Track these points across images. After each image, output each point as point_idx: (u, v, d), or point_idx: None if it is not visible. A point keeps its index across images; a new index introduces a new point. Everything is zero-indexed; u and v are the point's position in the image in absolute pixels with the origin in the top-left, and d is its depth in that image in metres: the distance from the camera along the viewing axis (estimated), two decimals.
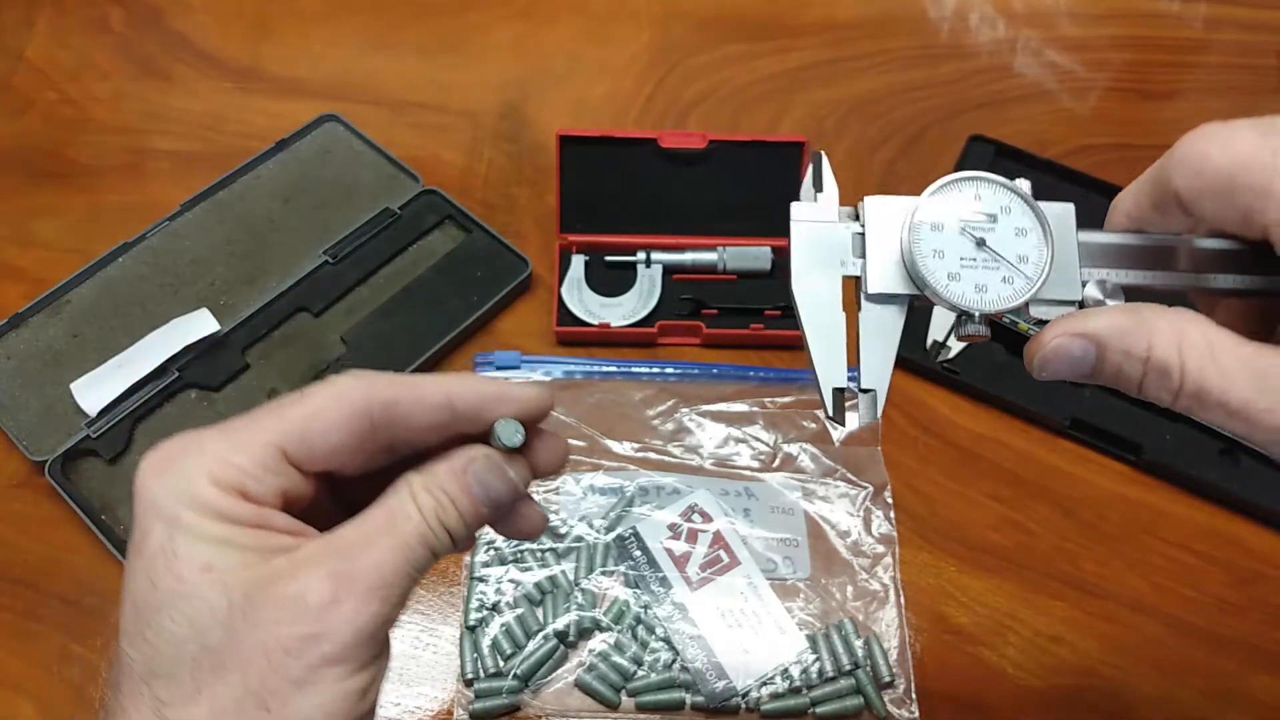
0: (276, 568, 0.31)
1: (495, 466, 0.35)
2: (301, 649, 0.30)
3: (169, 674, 0.30)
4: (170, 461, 0.32)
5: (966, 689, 0.61)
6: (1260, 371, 0.30)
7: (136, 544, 0.31)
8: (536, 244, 0.77)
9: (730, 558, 0.63)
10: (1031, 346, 0.34)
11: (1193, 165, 0.31)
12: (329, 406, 0.33)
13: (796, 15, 0.94)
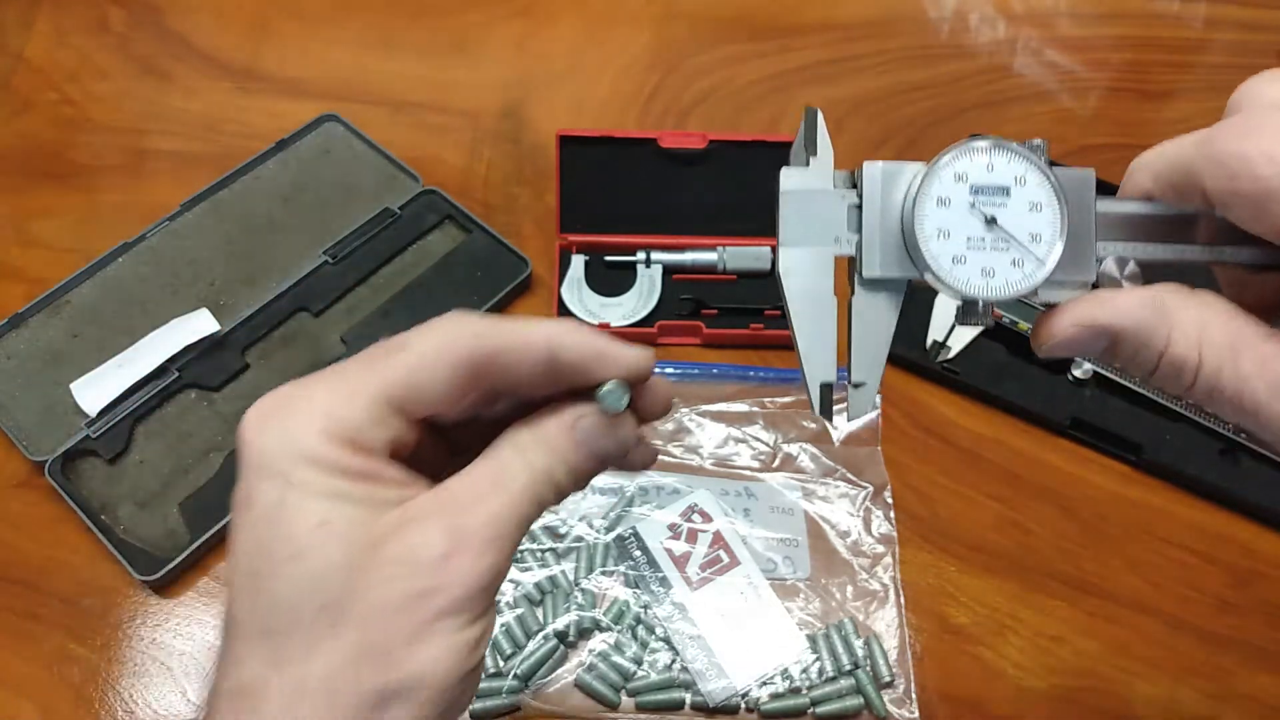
0: (389, 523, 0.30)
1: (604, 424, 0.34)
2: (418, 604, 0.30)
3: (285, 630, 0.30)
4: (278, 415, 0.31)
5: (966, 689, 0.61)
6: (1277, 377, 0.29)
7: (245, 499, 0.31)
8: (536, 244, 0.77)
9: (730, 558, 0.63)
10: (1040, 330, 0.32)
11: (1229, 167, 0.29)
12: (435, 354, 0.32)
13: (796, 15, 0.94)
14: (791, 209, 0.31)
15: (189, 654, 0.60)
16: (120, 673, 0.59)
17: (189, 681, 0.59)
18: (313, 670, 0.29)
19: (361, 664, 0.29)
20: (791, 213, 0.31)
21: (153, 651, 0.60)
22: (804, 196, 0.31)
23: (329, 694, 0.29)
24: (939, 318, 0.73)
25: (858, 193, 0.31)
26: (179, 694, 0.59)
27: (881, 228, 0.31)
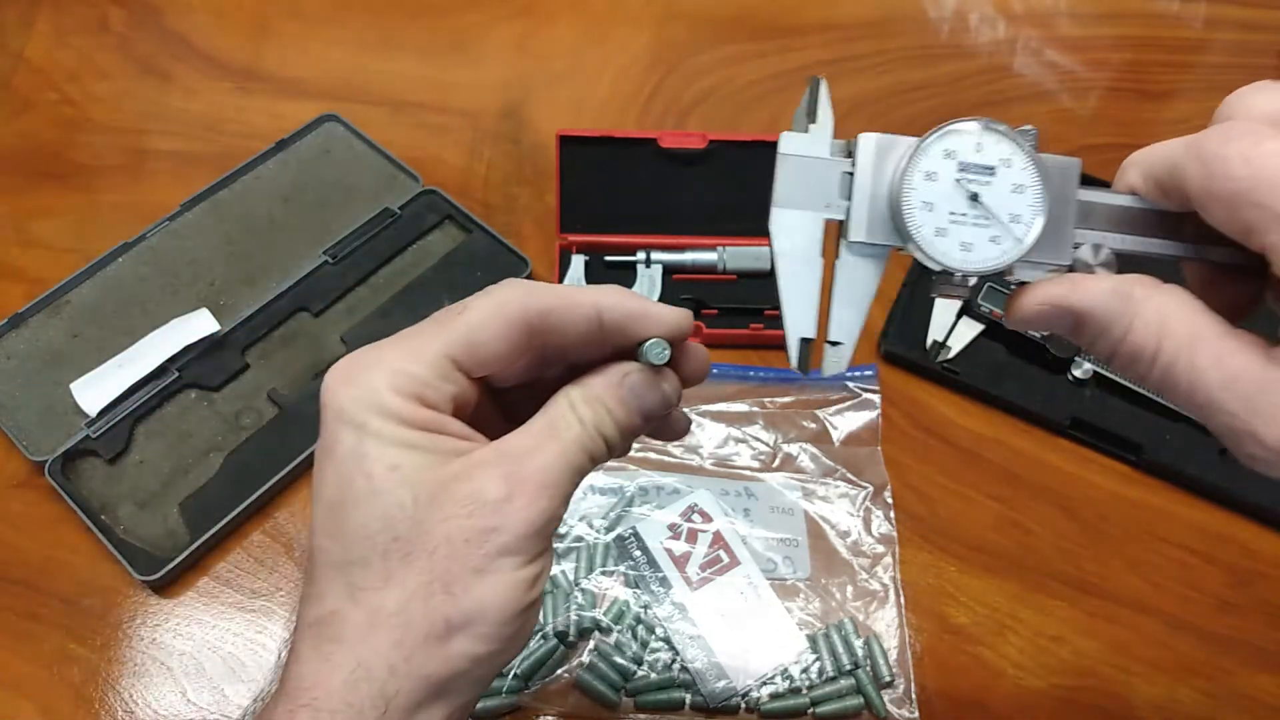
0: (454, 469, 0.34)
1: (649, 380, 0.37)
2: (480, 540, 0.33)
3: (363, 562, 0.33)
4: (354, 373, 0.35)
5: (966, 689, 0.61)
6: (1231, 372, 0.30)
7: (327, 448, 0.35)
8: (536, 244, 0.77)
9: (730, 558, 0.63)
10: (1012, 303, 0.34)
11: (1209, 167, 0.30)
12: (492, 315, 0.35)
13: (796, 15, 0.94)
14: (787, 172, 0.32)
15: (189, 654, 0.60)
16: (120, 673, 0.59)
17: (189, 681, 0.59)
18: (387, 599, 0.33)
19: (431, 593, 0.33)
20: (787, 175, 0.32)
21: (153, 651, 0.60)
22: (800, 161, 0.32)
23: (403, 621, 0.33)
24: (939, 318, 0.73)
25: (851, 161, 0.32)
26: (179, 694, 0.59)
27: (871, 195, 0.32)
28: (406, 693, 0.33)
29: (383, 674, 0.33)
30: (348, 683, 0.33)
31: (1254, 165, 0.28)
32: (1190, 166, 0.30)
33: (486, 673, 0.35)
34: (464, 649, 0.33)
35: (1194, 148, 0.30)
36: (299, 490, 0.66)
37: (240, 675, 0.59)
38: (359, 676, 0.33)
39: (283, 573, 0.63)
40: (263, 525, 0.65)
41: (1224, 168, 0.29)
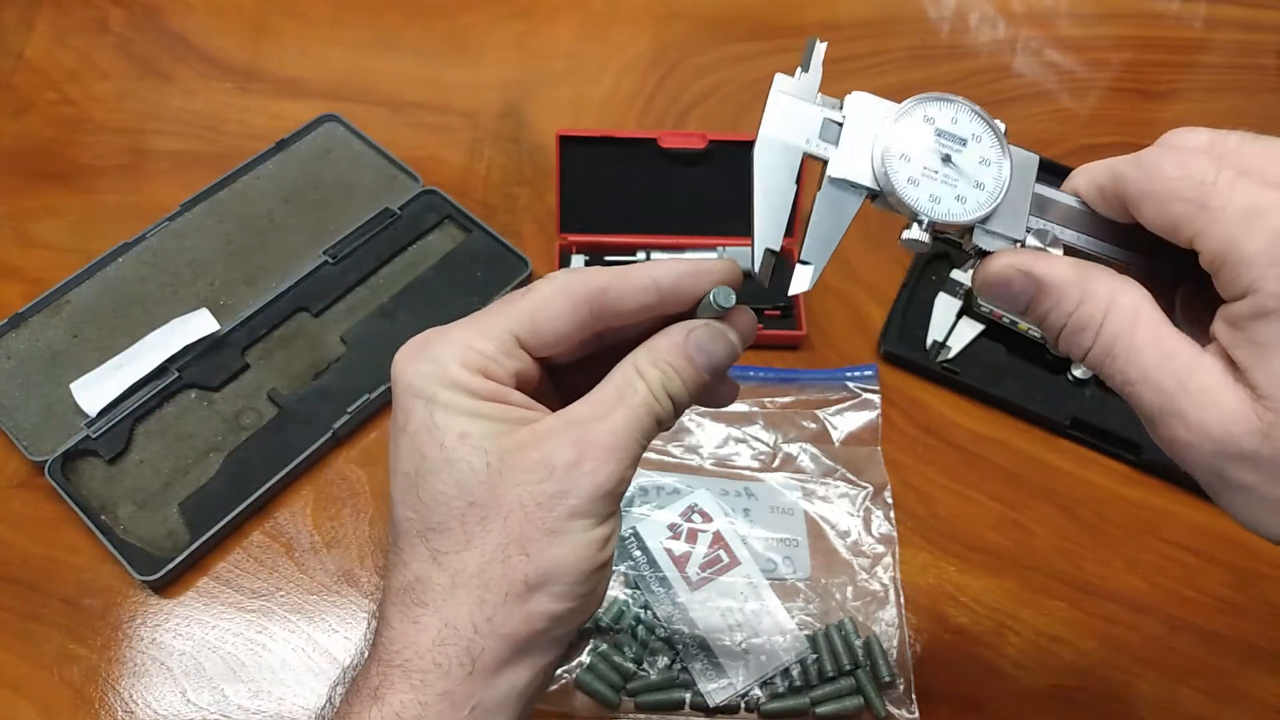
0: (523, 437, 0.35)
1: (715, 332, 0.38)
2: (552, 503, 0.35)
3: (442, 527, 0.35)
4: (423, 350, 0.37)
5: (966, 689, 0.61)
6: (1167, 351, 0.33)
7: (400, 424, 0.36)
8: (536, 244, 0.77)
9: (730, 558, 0.63)
10: (981, 269, 0.37)
11: (1147, 170, 0.34)
12: (554, 296, 0.37)
13: (796, 15, 0.94)
14: (777, 106, 0.38)
15: (189, 654, 0.60)
16: (120, 673, 0.59)
17: (189, 681, 0.59)
18: (468, 561, 0.35)
19: (510, 554, 0.34)
20: (776, 108, 0.38)
21: (153, 651, 0.60)
22: (790, 100, 0.38)
23: (483, 582, 0.35)
24: (939, 318, 0.73)
25: (841, 113, 0.37)
26: (179, 694, 0.59)
27: (854, 141, 0.37)
28: (491, 651, 0.34)
29: (468, 633, 0.34)
30: (436, 643, 0.34)
31: (1184, 169, 0.33)
32: (1130, 172, 0.35)
33: (564, 632, 0.36)
34: (542, 608, 0.35)
35: (1134, 157, 0.35)
36: (299, 490, 0.66)
37: (240, 675, 0.59)
38: (445, 637, 0.34)
39: (283, 573, 0.63)
40: (263, 525, 0.65)
41: (1159, 171, 0.34)
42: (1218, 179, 0.32)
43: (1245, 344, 0.31)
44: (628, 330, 0.39)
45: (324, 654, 0.60)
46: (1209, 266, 0.32)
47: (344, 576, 0.63)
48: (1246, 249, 0.31)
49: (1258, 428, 0.31)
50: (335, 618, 0.62)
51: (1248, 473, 0.31)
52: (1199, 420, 0.32)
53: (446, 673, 0.34)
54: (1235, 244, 0.31)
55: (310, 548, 0.64)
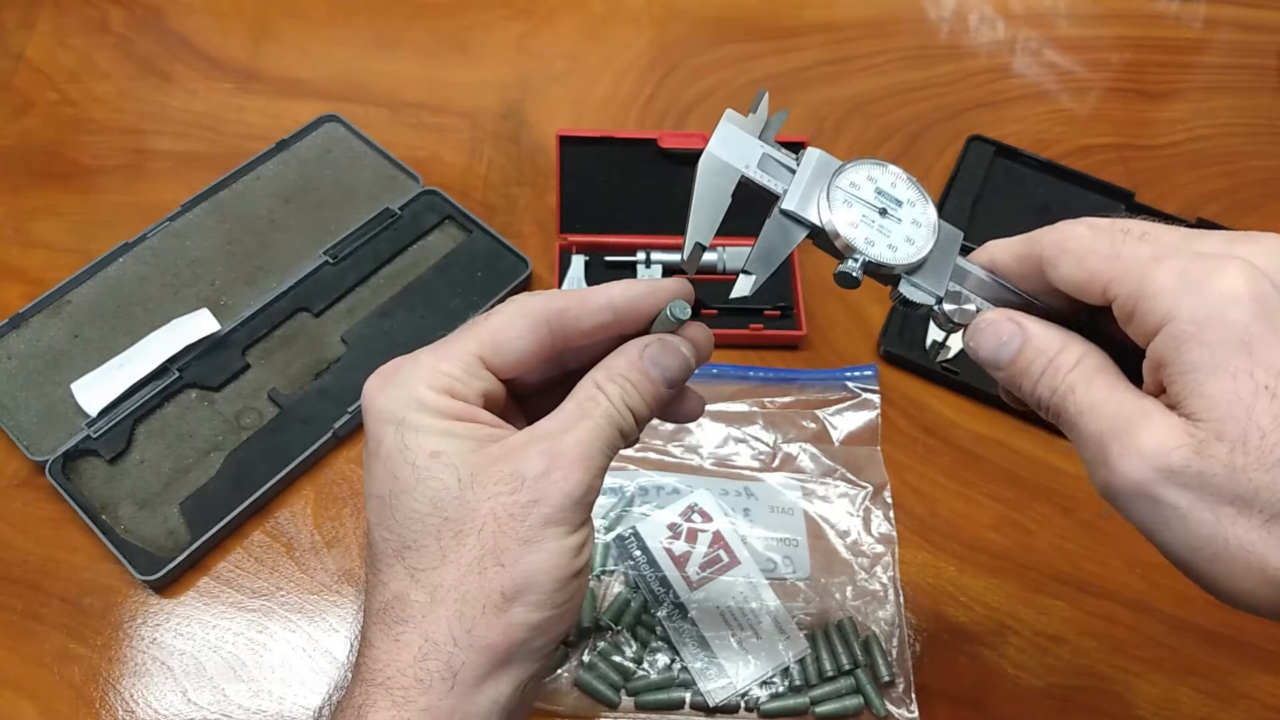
0: (492, 453, 0.37)
1: (668, 347, 0.40)
2: (525, 513, 0.36)
3: (418, 544, 0.36)
4: (391, 377, 0.38)
5: (966, 689, 0.61)
6: (1111, 386, 0.35)
7: (372, 449, 0.38)
8: (536, 244, 0.77)
9: (730, 558, 0.63)
10: (976, 322, 0.39)
11: (1062, 233, 0.37)
12: (514, 317, 0.39)
13: (796, 15, 0.94)
14: (724, 134, 0.42)
15: (189, 654, 0.60)
16: (120, 672, 0.59)
17: (189, 681, 0.59)
18: (445, 576, 0.35)
19: (486, 565, 0.35)
20: (722, 134, 0.42)
21: (153, 651, 0.60)
22: (736, 130, 0.42)
23: (461, 595, 0.35)
24: None
25: (796, 158, 0.41)
26: (179, 694, 0.59)
27: (805, 185, 0.40)
28: (471, 664, 0.35)
29: (448, 647, 0.35)
30: (417, 659, 0.35)
31: (1096, 229, 0.36)
32: (1047, 236, 0.37)
33: (544, 643, 0.37)
34: (521, 617, 0.35)
35: (1048, 228, 0.38)
36: (299, 490, 0.66)
37: (240, 675, 0.60)
38: (426, 652, 0.35)
39: (283, 572, 0.63)
40: (263, 525, 0.65)
41: (1074, 230, 0.37)
42: (1126, 235, 0.35)
43: (1174, 377, 0.32)
44: (586, 352, 0.41)
45: (324, 653, 0.61)
46: (1124, 312, 0.34)
47: (344, 576, 0.63)
48: (1158, 281, 0.33)
49: (1189, 444, 0.31)
50: (336, 617, 0.62)
51: (1178, 493, 0.31)
52: (1134, 440, 0.32)
53: (428, 688, 0.35)
54: (1147, 280, 0.33)
55: (311, 547, 0.64)
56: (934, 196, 0.80)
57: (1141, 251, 0.34)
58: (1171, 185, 0.84)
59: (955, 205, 0.80)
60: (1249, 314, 0.31)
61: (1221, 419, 0.31)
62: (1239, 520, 0.31)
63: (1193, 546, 0.31)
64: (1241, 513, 0.31)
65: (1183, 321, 0.32)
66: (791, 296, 0.74)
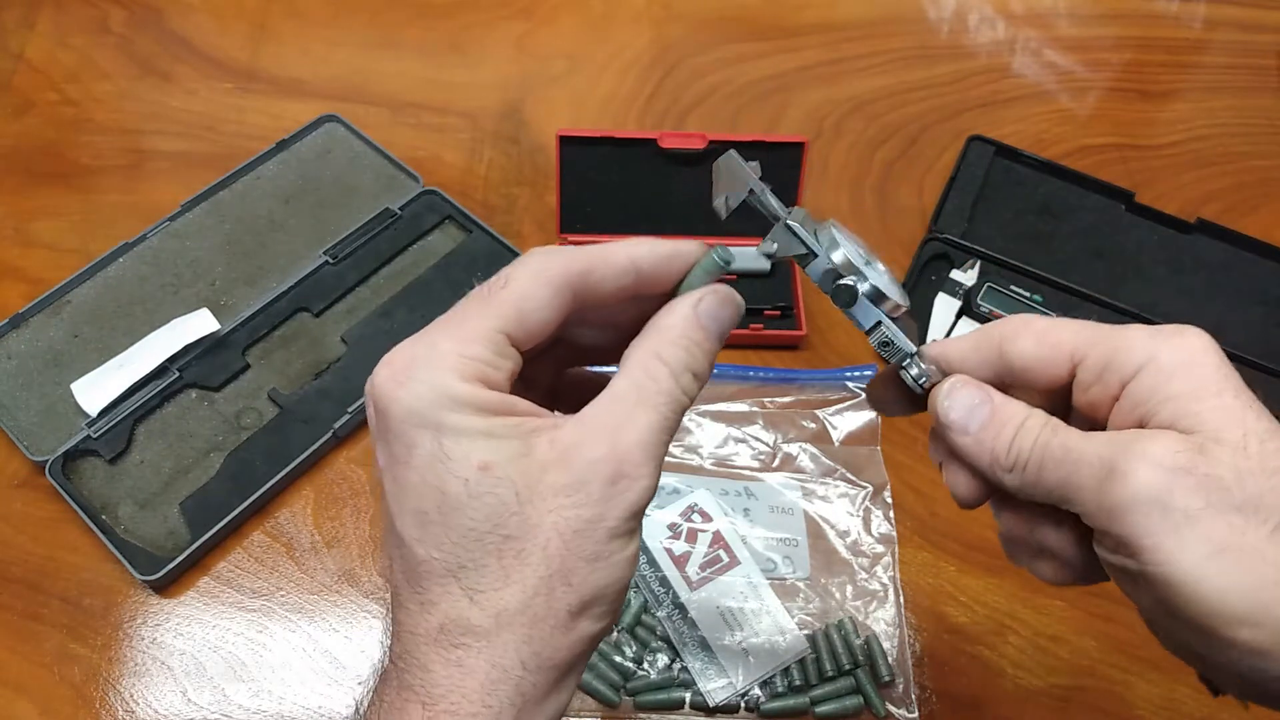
0: (546, 457, 0.33)
1: (724, 298, 0.37)
2: (590, 529, 0.33)
3: (477, 565, 0.32)
4: (410, 370, 0.33)
5: (966, 689, 0.61)
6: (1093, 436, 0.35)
7: (400, 457, 0.33)
8: (536, 244, 0.77)
9: (730, 557, 0.63)
10: (942, 386, 0.38)
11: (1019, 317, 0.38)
12: (536, 285, 0.34)
13: (796, 15, 0.94)
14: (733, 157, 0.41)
15: (189, 654, 0.60)
16: (120, 672, 0.59)
17: (189, 681, 0.59)
18: (509, 599, 0.32)
19: (554, 586, 0.33)
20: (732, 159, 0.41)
21: (153, 651, 0.60)
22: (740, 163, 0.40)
23: (529, 619, 0.33)
24: (938, 318, 0.73)
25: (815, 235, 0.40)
26: (179, 694, 0.59)
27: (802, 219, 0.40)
28: (539, 685, 0.33)
29: (517, 671, 0.33)
30: (484, 687, 0.33)
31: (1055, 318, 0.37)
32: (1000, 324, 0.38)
33: (598, 645, 0.35)
34: (586, 631, 0.34)
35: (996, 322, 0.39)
36: (299, 490, 0.66)
37: (241, 675, 0.60)
38: (495, 679, 0.33)
39: (283, 572, 0.63)
40: (263, 525, 0.65)
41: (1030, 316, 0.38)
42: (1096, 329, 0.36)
43: (1161, 406, 0.33)
44: (604, 313, 0.38)
45: (324, 653, 0.61)
46: (1094, 370, 0.35)
47: (344, 576, 0.63)
48: (1131, 336, 0.35)
49: (1193, 446, 0.32)
50: (336, 617, 0.62)
51: (1189, 496, 0.31)
52: (1141, 448, 0.32)
53: (498, 714, 0.33)
54: (1119, 338, 0.35)
55: (311, 547, 0.64)
56: (934, 196, 0.81)
57: (1101, 325, 0.36)
58: (1171, 185, 0.84)
59: (955, 205, 0.80)
60: (1220, 358, 0.34)
61: (1219, 426, 0.32)
62: (1248, 529, 0.31)
63: (1205, 556, 0.31)
64: (1249, 520, 0.31)
65: (1164, 361, 0.34)
66: (791, 297, 0.74)
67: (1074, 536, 0.37)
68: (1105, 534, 0.33)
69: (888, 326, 0.38)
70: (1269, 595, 0.30)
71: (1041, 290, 0.74)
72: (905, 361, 0.38)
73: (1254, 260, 0.78)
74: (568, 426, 0.34)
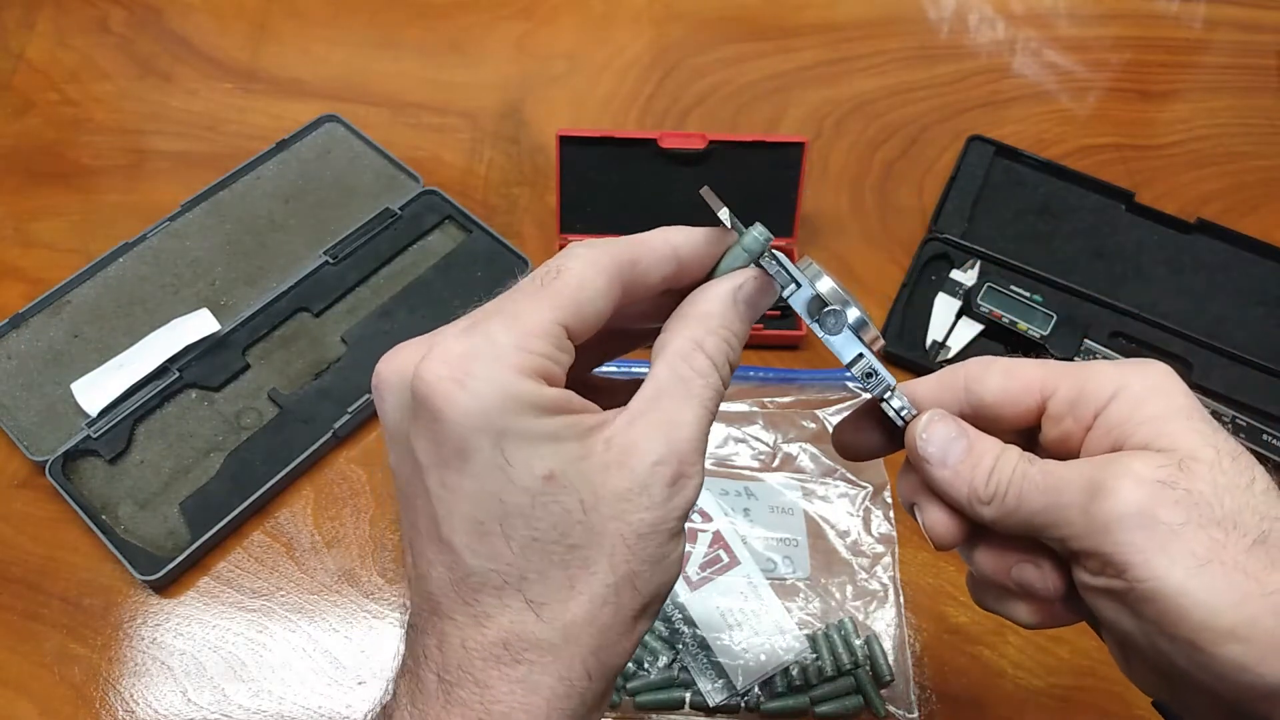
0: (604, 458, 0.32)
1: (764, 285, 0.36)
2: (654, 533, 0.32)
3: (539, 576, 0.31)
4: (468, 367, 0.30)
5: (966, 689, 0.61)
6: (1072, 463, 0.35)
7: (451, 462, 0.31)
8: (536, 244, 0.77)
9: (730, 557, 0.63)
10: (925, 417, 0.38)
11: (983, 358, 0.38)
12: (593, 273, 0.33)
13: (796, 15, 0.94)
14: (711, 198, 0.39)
15: (189, 654, 0.60)
16: (120, 672, 0.59)
17: (189, 681, 0.59)
18: (576, 610, 0.32)
19: (621, 593, 0.32)
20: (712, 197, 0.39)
21: (153, 651, 0.60)
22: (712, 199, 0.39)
23: (597, 629, 0.32)
24: (938, 318, 0.73)
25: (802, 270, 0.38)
26: (179, 694, 0.59)
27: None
28: (601, 691, 0.33)
29: (582, 683, 0.32)
30: (550, 701, 0.32)
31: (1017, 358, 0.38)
32: (965, 365, 0.38)
33: None
34: (643, 628, 0.34)
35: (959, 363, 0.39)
36: (299, 490, 0.66)
37: (241, 675, 0.60)
38: (562, 692, 0.32)
39: (283, 572, 0.63)
40: (263, 525, 0.65)
41: (993, 357, 0.39)
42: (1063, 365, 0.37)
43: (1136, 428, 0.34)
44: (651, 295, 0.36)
45: (324, 653, 0.61)
46: (1065, 402, 0.36)
47: (345, 576, 0.63)
48: (1100, 369, 0.35)
49: (1173, 462, 0.32)
50: (336, 617, 0.62)
51: (1173, 510, 0.32)
52: (1124, 466, 0.33)
53: None
54: (1088, 371, 0.36)
55: (311, 547, 0.64)
56: (934, 196, 0.81)
57: (1063, 363, 0.37)
58: (1171, 185, 0.84)
59: (955, 205, 0.80)
60: (1185, 387, 0.35)
61: (1194, 445, 0.33)
62: (1228, 543, 0.31)
63: (1190, 570, 0.31)
64: (1229, 534, 0.31)
65: (1135, 388, 0.35)
66: None
67: (1055, 571, 0.37)
68: (1091, 555, 0.33)
69: (870, 358, 0.38)
70: (1251, 609, 0.31)
71: (1041, 290, 0.74)
72: (888, 394, 0.38)
73: (1254, 260, 0.78)
74: (618, 423, 0.33)
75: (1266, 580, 0.31)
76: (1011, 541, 0.38)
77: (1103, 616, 0.35)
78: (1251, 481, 0.33)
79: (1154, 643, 0.33)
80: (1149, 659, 0.35)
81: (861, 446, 0.41)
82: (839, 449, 0.42)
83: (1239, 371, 0.72)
